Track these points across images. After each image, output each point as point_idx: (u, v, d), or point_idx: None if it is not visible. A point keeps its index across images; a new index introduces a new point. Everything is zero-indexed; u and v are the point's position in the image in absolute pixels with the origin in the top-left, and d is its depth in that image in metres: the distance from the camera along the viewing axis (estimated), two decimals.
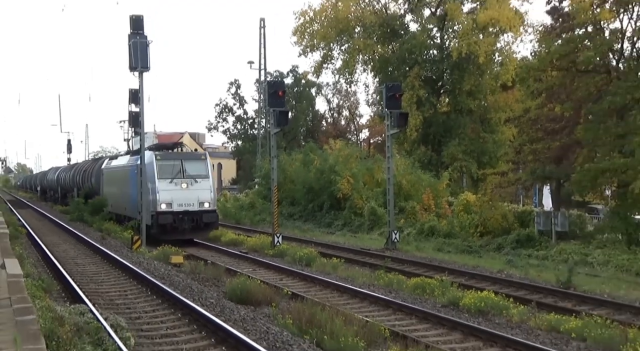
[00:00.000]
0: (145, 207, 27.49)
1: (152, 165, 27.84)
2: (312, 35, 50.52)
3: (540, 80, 31.97)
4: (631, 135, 26.81)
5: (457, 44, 45.42)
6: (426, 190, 38.35)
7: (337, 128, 76.68)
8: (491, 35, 45.63)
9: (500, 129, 46.63)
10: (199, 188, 28.16)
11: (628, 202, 27.36)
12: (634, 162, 25.84)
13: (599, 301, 16.63)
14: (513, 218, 31.93)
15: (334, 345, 11.10)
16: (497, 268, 22.98)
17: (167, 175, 27.89)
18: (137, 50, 25.51)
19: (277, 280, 19.57)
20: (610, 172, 27.58)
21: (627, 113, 27.52)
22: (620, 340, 11.77)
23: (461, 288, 17.22)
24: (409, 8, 49.46)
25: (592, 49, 28.81)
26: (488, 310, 14.78)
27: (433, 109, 46.49)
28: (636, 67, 28.40)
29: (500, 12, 43.94)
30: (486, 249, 28.88)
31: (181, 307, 14.34)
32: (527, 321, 14.10)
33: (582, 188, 31.24)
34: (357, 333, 11.61)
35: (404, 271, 20.76)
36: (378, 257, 25.15)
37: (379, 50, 48.83)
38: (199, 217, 27.89)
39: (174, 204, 27.41)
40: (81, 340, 9.59)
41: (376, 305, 15.91)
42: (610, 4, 28.34)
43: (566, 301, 16.84)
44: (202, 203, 28.02)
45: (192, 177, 28.21)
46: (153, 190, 27.57)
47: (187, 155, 30.79)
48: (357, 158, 45.53)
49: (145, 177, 27.68)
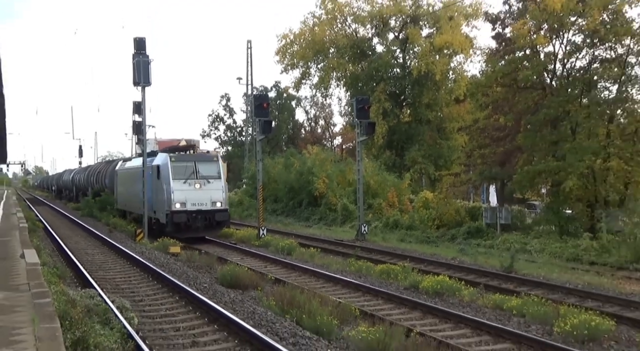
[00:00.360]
0: (159, 206, 26.34)
1: (166, 167, 26.04)
2: (292, 55, 50.53)
3: (487, 94, 32.17)
4: (562, 142, 27.23)
5: (417, 63, 45.68)
6: (391, 189, 38.55)
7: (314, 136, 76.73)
8: (446, 56, 45.94)
9: (454, 137, 46.89)
10: (212, 189, 26.12)
11: (560, 198, 27.74)
12: (564, 165, 26.23)
13: (535, 283, 16.79)
14: (464, 213, 32.26)
15: (311, 323, 11.11)
16: (451, 255, 23.13)
17: (181, 176, 25.86)
18: (140, 67, 25.46)
19: (262, 267, 19.56)
20: (545, 173, 27.95)
21: (559, 123, 27.83)
22: (553, 315, 11.92)
23: (420, 273, 17.26)
24: (376, 32, 49.65)
25: (530, 69, 29.07)
26: (443, 291, 14.83)
27: (397, 119, 46.68)
28: (566, 85, 28.70)
29: (453, 36, 44.32)
30: (442, 239, 29.18)
31: (178, 291, 14.31)
32: (476, 300, 14.18)
33: (522, 187, 31.55)
34: (332, 312, 11.63)
35: (371, 259, 20.80)
36: (349, 246, 25.21)
37: (350, 68, 48.95)
38: (211, 216, 25.83)
39: (188, 204, 25.43)
40: (91, 319, 9.59)
41: (348, 288, 15.94)
42: (544, 31, 28.62)
43: (508, 283, 16.99)
44: (214, 202, 25.96)
45: (205, 178, 26.20)
46: (168, 190, 25.58)
47: (200, 157, 28.82)
48: (331, 162, 45.72)
49: (158, 177, 26.53)
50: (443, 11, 45.72)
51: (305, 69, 51.26)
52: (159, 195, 26.48)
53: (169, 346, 10.14)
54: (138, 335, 9.98)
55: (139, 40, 25.68)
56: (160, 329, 11.27)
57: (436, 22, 46.49)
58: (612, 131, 26.90)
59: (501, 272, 18.41)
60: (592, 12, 26.70)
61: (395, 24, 48.87)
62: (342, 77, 50.14)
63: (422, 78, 45.41)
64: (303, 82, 52.47)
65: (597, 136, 26.65)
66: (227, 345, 10.14)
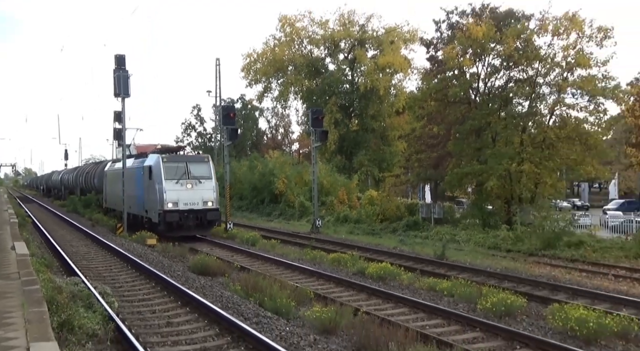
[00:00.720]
0: (151, 206, 23.90)
1: (159, 167, 23.49)
2: (256, 71, 50.33)
3: (423, 108, 32.56)
4: (485, 148, 27.83)
5: (364, 80, 46.15)
6: (341, 188, 38.82)
7: (275, 142, 76.59)
8: (388, 74, 46.49)
9: (395, 143, 47.50)
10: (203, 189, 23.67)
11: (483, 196, 28.36)
12: (486, 168, 26.82)
13: (462, 268, 17.02)
14: (404, 208, 32.70)
15: (272, 304, 11.07)
16: (393, 245, 23.30)
17: (173, 176, 23.27)
18: (120, 81, 24.92)
19: (229, 257, 19.36)
20: (470, 175, 28.43)
21: (482, 133, 28.34)
22: (476, 295, 12.10)
23: (366, 261, 17.26)
24: (328, 53, 49.91)
25: (458, 87, 29.57)
26: (386, 276, 14.87)
27: (346, 128, 46.98)
28: (487, 100, 29.30)
29: (394, 58, 44.96)
30: (385, 231, 29.38)
31: (154, 278, 14.08)
32: (413, 283, 14.25)
33: (451, 186, 32.09)
34: (290, 295, 11.60)
35: (324, 249, 20.75)
36: (305, 238, 25.16)
37: (306, 84, 49.03)
38: (203, 215, 23.43)
39: (180, 203, 22.97)
40: (75, 304, 9.37)
41: (304, 274, 15.94)
42: (469, 55, 29.17)
43: (440, 268, 17.19)
44: (205, 202, 23.58)
45: (197, 178, 23.68)
46: (160, 190, 23.07)
47: (192, 158, 26.38)
48: (290, 165, 45.80)
49: (150, 177, 24.08)
50: (385, 36, 46.33)
51: (267, 83, 51.15)
52: (151, 194, 24.11)
53: (146, 326, 9.99)
54: (118, 317, 9.80)
55: (119, 57, 25.18)
56: (138, 312, 11.08)
57: (380, 45, 47.03)
58: (525, 140, 27.50)
59: (434, 259, 18.59)
60: (507, 40, 27.39)
61: (345, 46, 49.21)
62: (299, 91, 50.21)
63: (368, 93, 45.87)
64: (265, 95, 52.36)
65: (513, 144, 27.29)
66: (198, 325, 10.05)
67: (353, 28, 47.99)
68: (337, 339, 9.47)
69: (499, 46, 28.18)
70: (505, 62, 28.52)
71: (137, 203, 25.97)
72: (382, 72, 45.90)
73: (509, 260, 19.26)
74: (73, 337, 8.12)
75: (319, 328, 9.83)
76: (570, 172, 32.25)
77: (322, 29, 48.61)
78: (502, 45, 27.83)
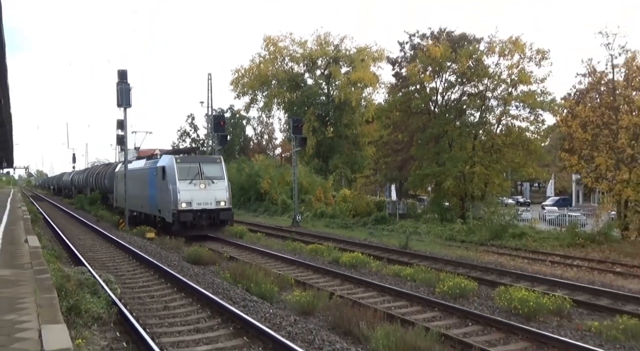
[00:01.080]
0: (165, 206, 21.59)
1: (172, 168, 21.23)
2: (243, 85, 49.99)
3: (389, 117, 32.73)
4: (442, 153, 28.07)
5: (338, 93, 46.20)
6: (318, 187, 38.80)
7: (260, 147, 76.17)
8: (359, 88, 46.60)
9: (365, 148, 47.57)
10: (216, 189, 21.42)
11: (441, 194, 28.62)
12: (444, 170, 27.07)
13: (423, 256, 17.13)
14: (373, 205, 32.86)
15: (257, 290, 11.05)
16: (363, 237, 23.40)
17: (186, 177, 21.07)
18: (123, 93, 24.60)
19: (220, 248, 19.23)
20: (430, 175, 28.64)
21: (440, 139, 28.53)
22: (435, 279, 12.21)
23: (340, 251, 17.28)
24: (307, 69, 49.82)
25: (419, 99, 29.76)
26: (357, 264, 14.91)
27: (323, 135, 46.94)
28: (445, 111, 29.56)
29: (365, 74, 45.09)
30: (356, 225, 29.43)
31: (153, 267, 13.93)
32: (381, 270, 14.32)
33: (414, 186, 32.33)
34: (273, 281, 11.59)
35: (304, 241, 20.75)
36: (287, 231, 25.12)
37: (288, 96, 48.88)
38: (216, 215, 21.22)
39: (194, 203, 20.80)
40: (82, 290, 9.22)
41: (285, 263, 15.91)
42: (429, 72, 29.41)
43: (404, 257, 17.24)
44: (219, 202, 21.31)
45: (210, 178, 21.40)
46: (174, 191, 20.86)
47: (205, 159, 23.72)
48: (273, 167, 45.65)
49: (163, 178, 21.71)
50: (357, 55, 46.45)
51: (253, 95, 50.83)
52: (164, 195, 21.71)
53: (146, 310, 9.87)
54: (120, 301, 9.68)
55: (122, 72, 24.85)
56: (138, 297, 10.95)
57: (352, 63, 47.10)
58: (476, 145, 27.79)
59: (399, 249, 18.64)
60: (461, 59, 27.69)
61: (321, 63, 49.18)
62: (281, 103, 50.03)
63: (342, 104, 45.93)
64: (251, 106, 52.01)
65: (466, 149, 27.57)
66: (191, 308, 9.96)
67: (328, 47, 48.01)
68: (315, 319, 9.48)
69: (454, 65, 28.46)
70: (460, 78, 28.83)
71: (150, 203, 23.68)
72: (354, 86, 46.01)
73: (462, 250, 19.42)
74: (80, 320, 8.02)
75: (298, 310, 9.82)
76: (514, 173, 32.76)
77: (301, 48, 48.55)
78: (457, 64, 28.11)
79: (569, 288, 12.12)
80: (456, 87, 29.37)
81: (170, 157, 22.26)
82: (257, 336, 7.89)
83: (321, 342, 7.64)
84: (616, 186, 21.63)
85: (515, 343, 8.30)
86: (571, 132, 23.59)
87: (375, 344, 7.46)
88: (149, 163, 24.98)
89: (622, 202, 22.03)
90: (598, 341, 8.34)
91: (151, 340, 7.49)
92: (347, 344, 7.70)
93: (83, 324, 7.95)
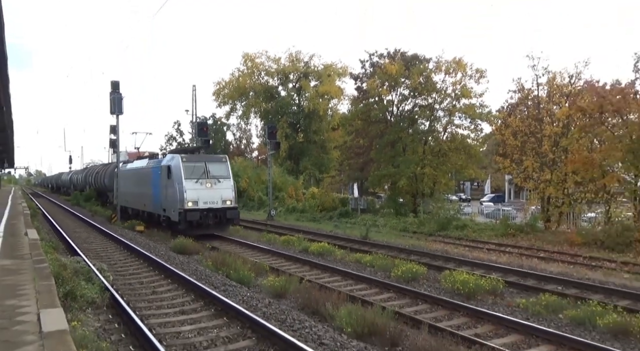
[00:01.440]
0: (170, 205, 19.35)
1: (178, 167, 19.00)
2: (224, 95, 49.39)
3: (352, 125, 32.93)
4: (397, 156, 28.31)
5: (307, 104, 46.17)
6: (290, 186, 38.75)
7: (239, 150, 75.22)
8: (326, 99, 46.70)
9: (331, 152, 47.64)
10: (222, 188, 19.24)
11: (396, 192, 28.92)
12: (399, 171, 27.37)
13: (381, 245, 17.14)
14: (338, 201, 32.95)
15: (236, 276, 10.97)
16: (329, 229, 23.38)
17: (192, 176, 18.83)
18: (115, 101, 23.92)
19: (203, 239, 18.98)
20: (387, 176, 28.85)
21: (395, 144, 28.69)
22: (391, 265, 12.28)
23: (309, 241, 17.23)
24: (280, 82, 49.59)
25: (378, 110, 29.99)
26: (324, 253, 14.89)
27: (294, 140, 46.80)
28: (399, 121, 29.72)
29: (331, 87, 45.24)
30: (323, 219, 29.34)
31: (142, 257, 13.64)
32: (345, 258, 14.29)
33: (373, 184, 32.49)
34: (250, 268, 11.52)
35: (277, 232, 20.61)
36: (262, 224, 24.94)
37: (263, 106, 48.56)
38: (222, 214, 19.11)
39: (200, 202, 18.68)
40: (78, 278, 8.95)
41: (261, 252, 15.80)
42: (386, 86, 29.69)
43: (365, 246, 17.23)
44: (225, 201, 19.22)
45: (216, 177, 19.23)
46: (180, 190, 18.66)
47: (210, 158, 21.01)
48: (251, 168, 45.19)
49: (168, 177, 19.47)
50: (324, 70, 46.56)
51: (233, 105, 50.30)
52: (169, 194, 19.44)
53: (136, 295, 9.67)
54: (112, 287, 9.45)
55: (115, 83, 24.15)
56: (129, 283, 10.72)
57: (320, 77, 47.16)
58: (426, 150, 28.11)
59: (360, 239, 18.66)
60: (413, 76, 28.10)
61: (293, 77, 49.07)
62: (257, 112, 49.66)
63: (311, 113, 45.95)
64: (231, 114, 51.52)
65: (417, 153, 27.88)
66: (177, 293, 9.81)
67: (299, 64, 47.95)
68: (287, 301, 9.48)
69: (407, 80, 28.82)
70: (412, 92, 29.21)
71: (154, 202, 21.26)
72: (321, 98, 46.11)
73: (414, 239, 19.57)
74: (76, 304, 7.79)
75: (272, 293, 9.80)
76: (457, 173, 33.41)
77: (275, 64, 48.33)
78: (410, 80, 28.48)
79: (502, 271, 12.39)
80: (409, 100, 29.68)
81: (176, 156, 19.78)
82: (235, 317, 7.83)
83: (292, 321, 7.65)
84: (540, 185, 22.39)
85: (458, 319, 8.51)
86: (504, 139, 24.32)
87: (340, 322, 7.52)
88: (152, 162, 22.63)
89: (545, 198, 22.81)
90: (525, 315, 8.62)
91: (140, 321, 7.35)
92: (314, 322, 7.73)
93: (78, 308, 7.73)
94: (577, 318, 8.16)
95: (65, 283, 7.96)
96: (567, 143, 21.38)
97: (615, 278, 11.87)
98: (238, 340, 6.90)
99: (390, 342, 6.99)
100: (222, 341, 6.88)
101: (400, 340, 7.01)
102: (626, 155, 18.09)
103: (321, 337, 6.80)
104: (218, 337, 7.00)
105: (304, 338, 6.73)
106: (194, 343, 6.75)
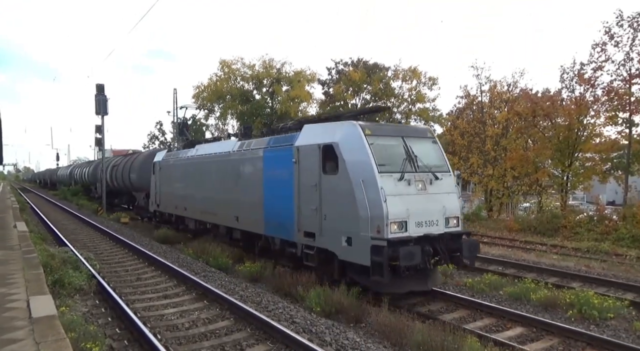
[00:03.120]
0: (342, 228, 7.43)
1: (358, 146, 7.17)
2: (203, 98, 48.23)
3: None
4: None
5: (280, 107, 45.88)
6: None
7: None
8: (297, 103, 46.32)
9: None
10: (441, 192, 7.51)
11: None
12: None
13: None
14: None
15: (215, 262, 10.86)
16: None
17: (389, 167, 7.07)
18: (100, 103, 23.12)
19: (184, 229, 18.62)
20: None
21: None
22: None
23: None
24: (255, 87, 48.83)
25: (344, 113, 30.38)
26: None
27: None
28: None
29: (301, 92, 44.80)
30: None
31: (127, 246, 13.28)
32: None
33: None
34: (228, 256, 11.42)
35: None
36: None
37: (240, 108, 47.67)
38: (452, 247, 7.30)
39: (411, 223, 6.90)
40: (66, 267, 8.64)
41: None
42: (350, 91, 30.08)
43: None
44: (449, 218, 7.47)
45: (429, 171, 7.51)
46: (371, 198, 6.85)
47: (409, 131, 8.23)
48: None
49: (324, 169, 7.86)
50: (294, 76, 46.16)
51: (211, 107, 49.27)
52: (334, 205, 7.73)
53: (121, 281, 9.41)
54: (99, 275, 9.16)
55: (100, 86, 23.36)
56: (114, 271, 10.41)
57: (291, 83, 46.68)
58: None
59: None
60: (374, 83, 28.53)
61: (267, 83, 48.39)
62: (234, 114, 48.72)
63: (283, 115, 45.33)
64: (210, 116, 50.53)
65: None
66: (160, 279, 9.62)
67: (272, 70, 47.40)
68: (262, 285, 9.47)
69: (369, 86, 29.28)
70: (373, 97, 29.64)
71: (269, 217, 9.89)
72: (292, 101, 45.74)
73: None
74: (64, 291, 7.53)
75: (249, 278, 9.76)
76: None
77: (250, 70, 47.54)
78: (371, 86, 28.93)
79: None
80: (371, 104, 30.12)
81: (348, 124, 7.89)
82: (215, 300, 7.76)
83: (267, 302, 7.66)
84: (484, 179, 23.21)
85: (414, 298, 8.66)
86: (453, 139, 25.03)
87: (309, 302, 7.58)
88: (264, 142, 10.19)
89: (488, 190, 23.68)
90: (471, 293, 8.95)
91: (126, 305, 7.17)
92: (287, 303, 7.77)
93: (66, 294, 7.46)
94: (514, 293, 8.54)
95: (53, 271, 7.68)
96: (506, 142, 22.24)
97: (546, 258, 12.49)
98: (217, 321, 6.85)
99: (354, 319, 7.12)
100: (202, 322, 6.81)
101: (363, 317, 7.15)
102: (555, 153, 19.03)
103: (293, 316, 6.85)
104: (199, 319, 6.93)
105: (277, 318, 6.76)
106: (176, 325, 6.66)
